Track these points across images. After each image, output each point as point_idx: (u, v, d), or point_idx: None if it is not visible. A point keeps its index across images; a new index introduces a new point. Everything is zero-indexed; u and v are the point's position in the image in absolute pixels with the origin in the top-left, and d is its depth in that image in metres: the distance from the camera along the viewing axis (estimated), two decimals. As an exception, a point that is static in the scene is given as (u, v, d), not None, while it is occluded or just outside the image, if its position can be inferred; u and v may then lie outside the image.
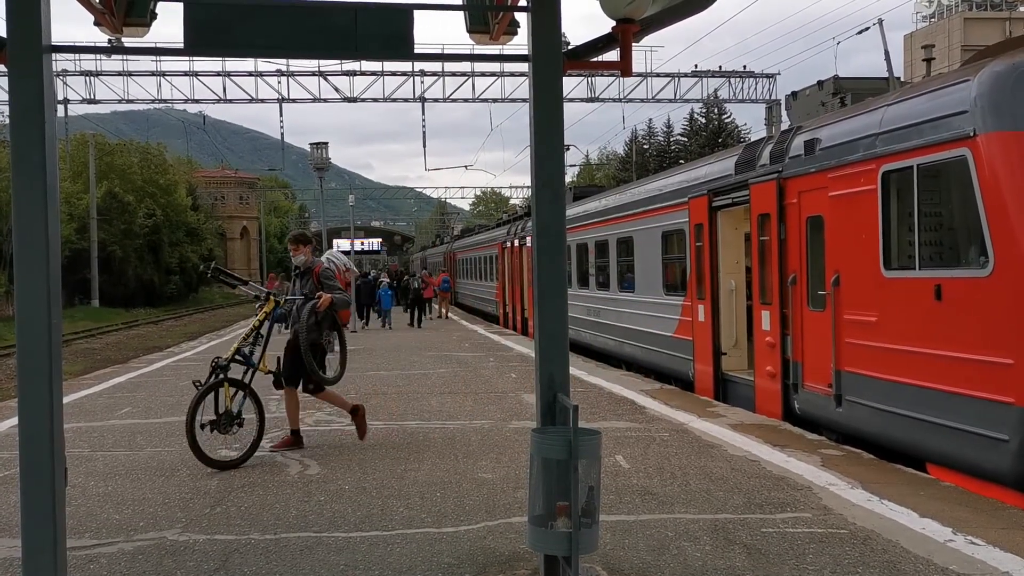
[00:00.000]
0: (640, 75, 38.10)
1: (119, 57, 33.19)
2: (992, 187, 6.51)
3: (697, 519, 5.80)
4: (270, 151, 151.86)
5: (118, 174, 57.45)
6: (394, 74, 37.19)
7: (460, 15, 5.65)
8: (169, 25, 4.97)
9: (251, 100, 37.20)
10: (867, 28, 24.78)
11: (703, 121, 67.22)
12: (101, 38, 5.10)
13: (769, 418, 9.71)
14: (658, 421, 9.58)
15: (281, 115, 37.99)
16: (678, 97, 39.70)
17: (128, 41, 5.30)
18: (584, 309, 17.92)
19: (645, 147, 70.80)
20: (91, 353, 28.31)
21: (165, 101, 37.20)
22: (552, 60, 4.56)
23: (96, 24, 4.81)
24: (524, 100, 35.09)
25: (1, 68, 4.45)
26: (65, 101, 37.23)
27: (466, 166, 78.88)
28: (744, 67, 39.70)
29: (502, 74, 37.72)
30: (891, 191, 7.68)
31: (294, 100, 37.27)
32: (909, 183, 7.39)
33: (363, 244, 45.58)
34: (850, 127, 8.50)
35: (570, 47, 5.04)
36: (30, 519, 4.04)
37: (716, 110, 65.27)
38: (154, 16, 4.97)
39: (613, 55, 4.76)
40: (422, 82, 37.41)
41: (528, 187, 12.23)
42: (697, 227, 12.01)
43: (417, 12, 4.48)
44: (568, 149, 31.87)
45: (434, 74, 37.29)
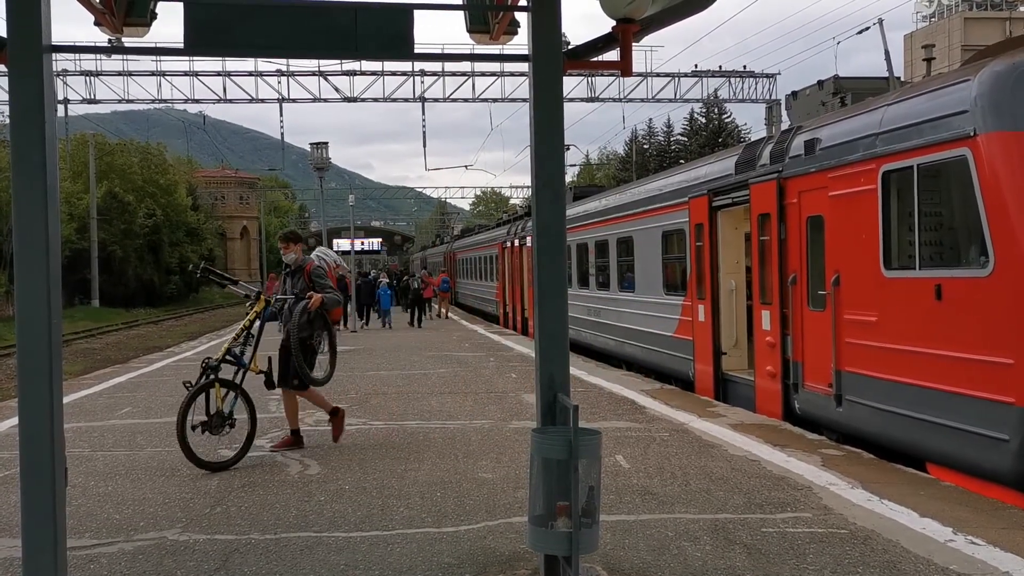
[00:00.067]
0: (640, 75, 38.13)
1: (119, 57, 33.30)
2: (992, 187, 6.51)
3: (697, 519, 5.80)
4: (270, 151, 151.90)
5: (118, 174, 57.48)
6: (394, 74, 37.22)
7: (460, 15, 5.65)
8: (169, 25, 4.99)
9: (251, 100, 37.24)
10: (867, 28, 24.84)
11: (703, 121, 67.20)
12: (101, 38, 5.11)
13: (769, 418, 9.71)
14: (658, 421, 9.58)
15: (281, 115, 38.11)
16: (678, 97, 39.73)
17: (128, 41, 5.31)
18: (584, 309, 17.91)
19: (645, 147, 70.79)
20: (91, 353, 28.31)
21: (165, 101, 37.23)
22: (552, 60, 4.56)
23: (96, 24, 4.81)
24: (524, 100, 35.08)
25: (1, 68, 4.45)
26: (65, 101, 37.24)
27: (466, 166, 78.80)
28: (744, 67, 39.76)
29: (502, 74, 37.74)
30: (891, 191, 7.68)
31: (294, 100, 37.34)
32: (909, 183, 7.39)
33: (363, 244, 45.52)
34: (850, 127, 8.49)
35: (570, 47, 5.04)
36: (30, 519, 4.04)
37: (716, 110, 65.25)
38: (154, 16, 4.97)
39: (613, 55, 4.77)
40: (422, 82, 37.49)
41: (528, 187, 12.23)
42: (697, 227, 12.01)
43: (417, 12, 4.48)
44: (568, 149, 31.82)
45: (434, 74, 37.33)
